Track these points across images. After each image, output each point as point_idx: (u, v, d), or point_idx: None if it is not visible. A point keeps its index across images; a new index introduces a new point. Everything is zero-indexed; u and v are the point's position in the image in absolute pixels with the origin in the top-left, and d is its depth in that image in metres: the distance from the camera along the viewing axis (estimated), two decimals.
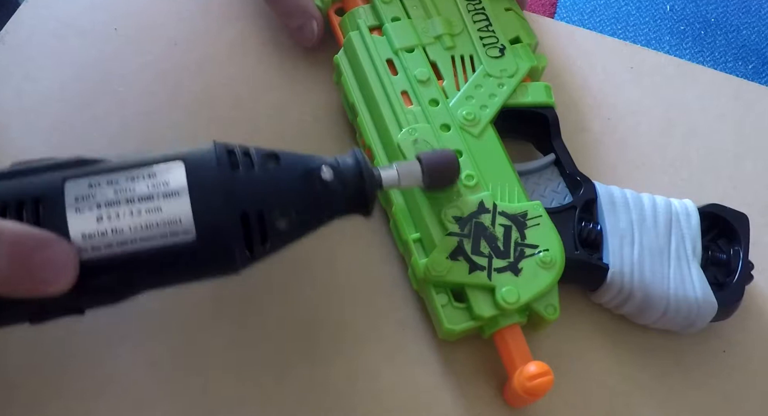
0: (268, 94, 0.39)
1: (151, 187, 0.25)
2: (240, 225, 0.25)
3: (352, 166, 0.28)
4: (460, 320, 0.30)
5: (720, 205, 0.34)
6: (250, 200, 0.25)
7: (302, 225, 0.27)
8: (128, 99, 0.38)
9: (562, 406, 0.32)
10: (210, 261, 0.26)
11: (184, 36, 0.40)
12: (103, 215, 0.24)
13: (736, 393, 0.33)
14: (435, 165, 0.30)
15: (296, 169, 0.27)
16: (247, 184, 0.26)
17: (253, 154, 0.26)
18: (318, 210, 0.27)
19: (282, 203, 0.26)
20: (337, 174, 0.27)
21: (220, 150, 0.26)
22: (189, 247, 0.25)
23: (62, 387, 0.31)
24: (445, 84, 0.35)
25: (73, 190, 0.24)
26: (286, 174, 0.26)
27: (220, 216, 0.25)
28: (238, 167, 0.26)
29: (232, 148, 0.26)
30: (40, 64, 0.39)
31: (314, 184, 0.27)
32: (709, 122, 0.40)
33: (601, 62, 0.42)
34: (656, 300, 0.31)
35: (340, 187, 0.27)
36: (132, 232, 0.24)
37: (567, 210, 0.33)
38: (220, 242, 0.25)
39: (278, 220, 0.26)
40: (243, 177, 0.26)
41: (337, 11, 0.39)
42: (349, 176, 0.28)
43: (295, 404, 0.31)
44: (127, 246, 0.24)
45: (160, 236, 0.24)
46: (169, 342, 0.32)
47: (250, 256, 0.26)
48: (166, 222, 0.24)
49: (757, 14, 1.25)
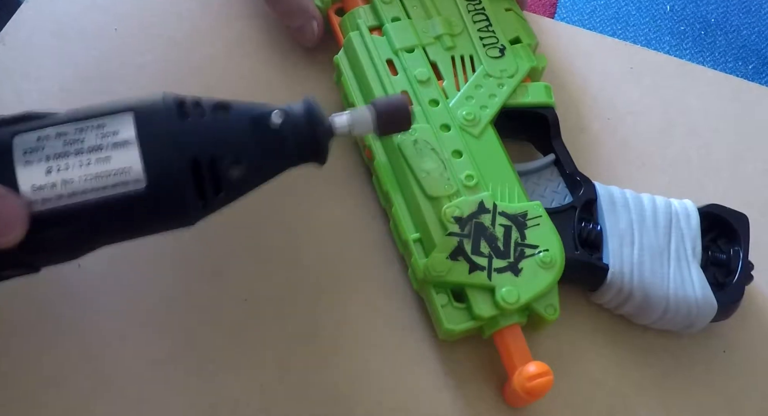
0: (268, 94, 0.39)
1: (100, 137, 0.25)
2: (190, 173, 0.25)
3: (303, 112, 0.28)
4: (460, 320, 0.30)
5: (720, 205, 0.34)
6: (200, 147, 0.25)
7: (255, 172, 0.27)
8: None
9: (561, 406, 0.32)
10: (162, 210, 0.26)
11: (184, 36, 0.40)
12: (53, 167, 0.24)
13: (736, 392, 0.33)
14: (386, 109, 0.29)
15: (246, 116, 0.27)
16: (197, 132, 0.26)
17: (204, 104, 0.26)
18: (270, 157, 0.27)
19: (232, 150, 0.26)
20: (288, 120, 0.27)
21: (170, 99, 0.26)
22: (140, 196, 0.25)
23: (62, 387, 0.31)
24: (445, 84, 0.35)
25: (21, 143, 0.25)
26: (235, 121, 0.26)
27: (170, 164, 0.25)
28: (188, 116, 0.26)
29: (183, 98, 0.26)
30: (40, 64, 0.39)
31: (264, 129, 0.27)
32: (709, 122, 0.40)
33: (601, 62, 0.42)
34: (656, 300, 0.31)
35: (290, 133, 0.27)
36: (82, 183, 0.24)
37: (567, 211, 0.33)
38: (171, 190, 0.25)
39: (229, 168, 0.26)
40: (192, 125, 0.25)
41: (337, 11, 0.39)
42: (299, 122, 0.27)
43: (295, 404, 0.31)
44: (78, 197, 0.24)
45: (111, 186, 0.24)
46: (169, 342, 0.32)
47: (202, 205, 0.26)
48: (116, 172, 0.24)
49: (757, 14, 1.25)
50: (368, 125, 0.29)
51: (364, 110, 0.29)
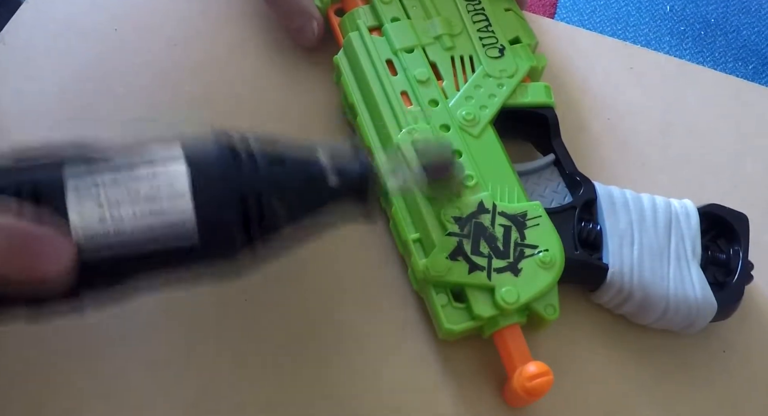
0: (268, 94, 0.39)
1: (155, 189, 0.24)
2: (242, 232, 0.25)
3: (358, 174, 0.27)
4: (459, 320, 0.30)
5: (720, 205, 0.34)
6: (252, 206, 0.25)
7: (302, 230, 0.27)
8: (128, 99, 0.38)
9: (561, 406, 0.32)
10: (210, 265, 0.26)
11: (184, 36, 0.40)
12: (105, 215, 0.24)
13: (736, 393, 0.33)
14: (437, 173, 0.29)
15: (301, 173, 0.26)
16: (250, 189, 0.25)
17: (257, 155, 0.26)
18: (318, 216, 0.27)
19: (284, 209, 0.26)
20: (342, 181, 0.27)
21: (223, 148, 0.26)
22: (190, 251, 0.24)
23: (62, 387, 0.31)
24: (445, 84, 0.35)
25: (75, 187, 0.24)
26: (290, 179, 0.26)
27: (223, 221, 0.25)
28: (242, 169, 0.25)
29: (235, 147, 0.26)
30: (40, 64, 0.39)
31: (319, 191, 0.27)
32: (709, 122, 0.40)
33: (601, 62, 0.42)
34: (656, 300, 0.31)
35: (343, 197, 0.27)
36: (133, 234, 0.24)
37: (567, 211, 0.33)
38: (222, 247, 0.25)
39: (280, 227, 0.26)
40: (246, 180, 0.25)
41: (337, 11, 0.39)
42: (353, 185, 0.27)
43: (295, 404, 0.31)
44: (128, 249, 0.24)
45: (162, 239, 0.24)
46: (169, 342, 0.32)
47: (251, 263, 0.26)
48: (168, 225, 0.24)
49: (757, 15, 1.25)
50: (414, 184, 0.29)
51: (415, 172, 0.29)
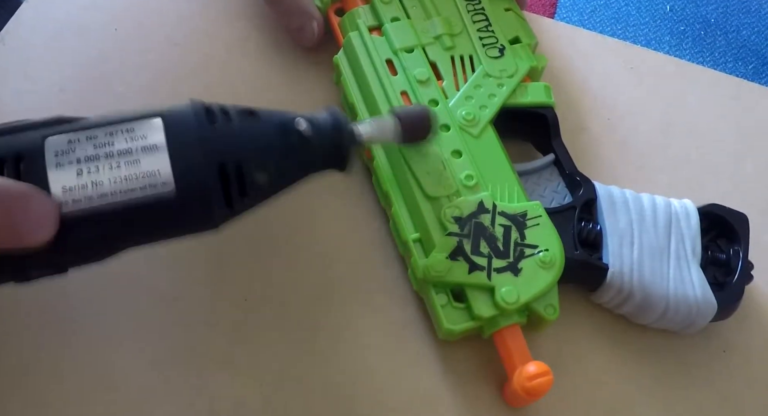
0: (268, 94, 0.39)
1: (129, 141, 0.25)
2: (218, 178, 0.26)
3: (328, 119, 0.28)
4: (459, 320, 0.30)
5: (720, 205, 0.34)
6: (228, 153, 0.26)
7: (280, 178, 0.28)
8: (128, 99, 0.38)
9: (561, 406, 0.32)
10: (189, 214, 0.26)
11: (184, 36, 0.40)
12: (83, 169, 0.25)
13: (736, 393, 0.33)
14: (410, 119, 0.30)
15: (273, 122, 0.27)
16: (225, 137, 0.26)
17: (230, 110, 0.27)
18: (295, 163, 0.28)
19: (259, 155, 0.27)
20: (314, 127, 0.28)
21: (198, 106, 0.26)
22: (168, 200, 0.25)
23: (61, 387, 0.31)
24: (445, 84, 0.35)
25: (53, 146, 0.25)
26: (263, 127, 0.27)
27: (198, 168, 0.25)
28: (216, 121, 0.26)
29: (210, 105, 0.27)
30: (40, 64, 0.39)
31: (291, 136, 0.27)
32: (709, 122, 0.40)
33: (601, 62, 0.42)
34: (656, 300, 0.31)
35: (316, 140, 0.28)
36: (112, 185, 0.25)
37: (566, 211, 0.33)
38: (198, 194, 0.26)
39: (256, 173, 0.26)
40: (220, 130, 0.26)
41: (337, 11, 0.39)
42: (325, 129, 0.28)
43: (295, 404, 0.31)
44: (107, 199, 0.25)
45: (140, 188, 0.25)
46: (169, 342, 0.32)
47: (229, 210, 0.27)
48: (145, 175, 0.25)
49: (757, 15, 1.25)
50: (391, 133, 0.30)
51: (386, 119, 0.30)
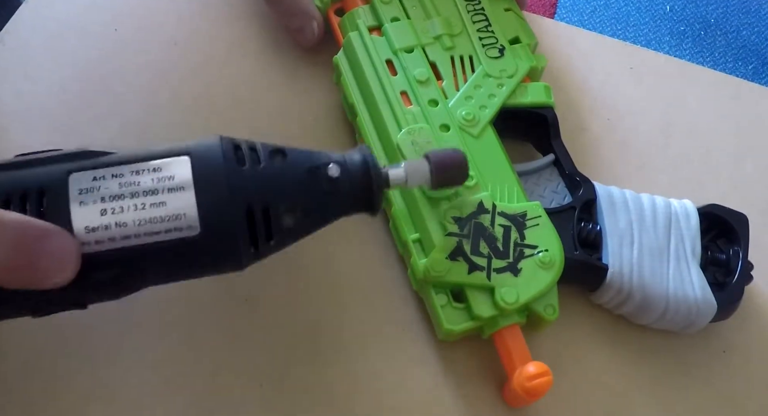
0: (268, 94, 0.39)
1: (156, 181, 0.25)
2: (245, 221, 0.25)
3: (360, 163, 0.27)
4: (459, 320, 0.30)
5: (719, 205, 0.34)
6: (256, 196, 0.25)
7: (308, 222, 0.27)
8: (128, 99, 0.38)
9: (561, 406, 0.32)
10: (214, 256, 0.25)
11: (184, 36, 0.40)
12: (107, 208, 0.24)
13: (736, 393, 0.33)
14: (443, 164, 0.29)
15: (303, 164, 0.26)
16: (253, 180, 0.25)
17: (260, 149, 0.26)
18: (324, 208, 0.27)
19: (288, 199, 0.26)
20: (344, 171, 0.27)
21: (227, 144, 0.26)
22: (193, 243, 0.24)
23: (61, 388, 0.31)
24: (445, 84, 0.35)
25: (77, 182, 0.24)
26: (292, 170, 0.26)
27: (225, 211, 0.25)
28: (244, 162, 0.25)
29: (239, 143, 0.26)
30: (40, 64, 0.39)
31: (321, 180, 0.27)
32: (709, 122, 0.40)
33: (601, 62, 0.42)
34: (655, 300, 0.31)
35: (346, 185, 0.27)
36: (136, 226, 0.24)
37: (566, 211, 0.33)
38: (224, 238, 0.25)
39: (284, 217, 0.26)
40: (249, 172, 0.25)
41: (337, 11, 0.39)
42: (356, 174, 0.27)
43: (295, 404, 0.31)
44: (131, 241, 0.24)
45: (165, 231, 0.24)
46: (169, 342, 0.32)
47: (255, 253, 0.26)
48: (170, 217, 0.24)
49: (757, 15, 1.25)
50: (425, 178, 0.29)
51: (421, 164, 0.29)
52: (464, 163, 0.29)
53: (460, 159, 0.29)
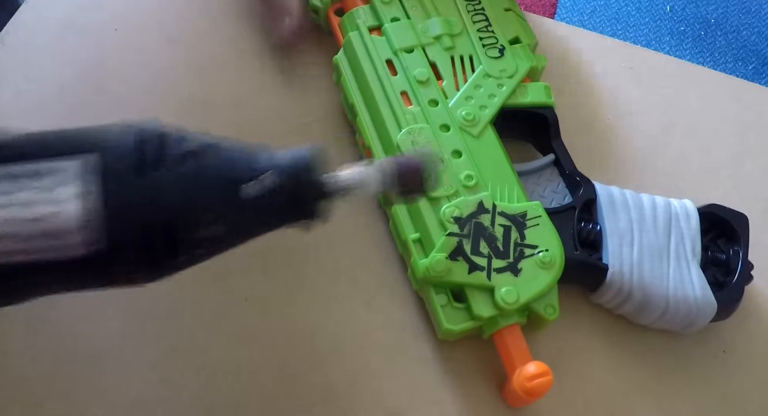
0: (268, 94, 0.39)
1: (37, 191, 0.21)
2: (142, 239, 0.22)
3: (293, 170, 0.24)
4: (459, 320, 0.30)
5: (719, 205, 0.34)
6: (155, 212, 0.22)
7: (228, 238, 0.24)
8: (128, 99, 0.38)
9: (561, 406, 0.32)
10: (104, 277, 0.23)
11: (184, 36, 0.40)
12: None
13: (735, 392, 0.33)
14: (399, 171, 0.26)
15: (220, 177, 0.23)
16: (155, 194, 0.22)
17: (171, 156, 0.23)
18: (244, 225, 0.24)
19: (197, 215, 0.23)
20: (270, 186, 0.23)
21: (128, 146, 0.22)
22: (82, 261, 0.22)
23: (62, 387, 0.31)
24: (445, 84, 0.35)
25: None
26: (207, 182, 0.23)
27: (122, 227, 0.22)
28: (149, 170, 0.22)
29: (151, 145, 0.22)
30: (40, 64, 0.39)
31: (238, 195, 0.23)
32: (709, 122, 0.40)
33: (601, 62, 0.42)
34: (655, 300, 0.31)
35: (273, 199, 0.23)
36: (12, 244, 0.21)
37: (566, 211, 0.33)
38: (116, 260, 0.22)
39: (192, 232, 0.23)
40: (152, 185, 0.22)
41: (337, 12, 0.39)
42: (287, 184, 0.23)
43: (295, 404, 0.31)
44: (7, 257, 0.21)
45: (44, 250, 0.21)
46: (169, 342, 0.32)
47: (154, 273, 0.23)
48: (52, 234, 0.21)
49: (757, 15, 1.25)
50: (373, 186, 0.25)
51: (370, 170, 0.25)
52: (423, 169, 0.26)
53: (418, 166, 0.26)
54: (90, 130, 0.23)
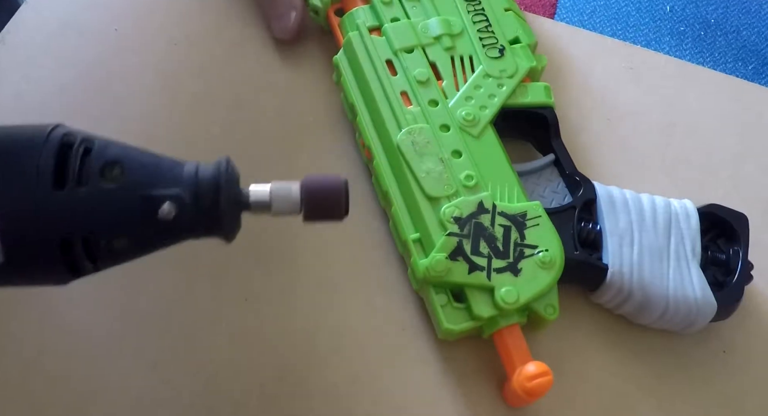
0: (268, 94, 0.39)
1: None
2: (58, 250, 0.22)
3: (209, 183, 0.24)
4: (459, 320, 0.30)
5: (719, 205, 0.34)
6: (73, 226, 0.22)
7: (140, 248, 0.24)
8: (128, 99, 0.38)
9: (561, 406, 0.32)
10: (25, 281, 0.24)
11: (184, 36, 0.40)
12: None
13: (736, 393, 0.33)
14: (317, 193, 0.25)
15: (135, 191, 0.23)
16: (70, 209, 0.22)
17: (92, 162, 0.23)
18: (158, 239, 0.24)
19: (112, 230, 0.23)
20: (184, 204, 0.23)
21: (48, 155, 0.22)
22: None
23: (61, 387, 0.31)
24: (445, 84, 0.35)
25: None
26: (121, 197, 0.23)
27: (34, 242, 0.22)
28: (64, 185, 0.22)
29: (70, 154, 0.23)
30: (40, 64, 0.39)
31: (154, 213, 0.23)
32: (709, 122, 0.40)
33: (601, 62, 0.42)
34: (655, 300, 0.31)
35: (186, 217, 0.23)
36: None
37: (566, 211, 0.33)
38: (34, 268, 0.23)
39: (111, 244, 0.23)
40: (66, 197, 0.22)
41: (337, 12, 0.39)
42: (202, 200, 0.23)
43: (294, 404, 0.31)
44: None
45: None
46: (169, 342, 0.32)
47: (75, 276, 0.24)
48: None
49: (757, 15, 1.25)
50: (291, 206, 0.25)
51: (290, 188, 0.25)
52: (342, 193, 0.25)
53: (338, 187, 0.25)
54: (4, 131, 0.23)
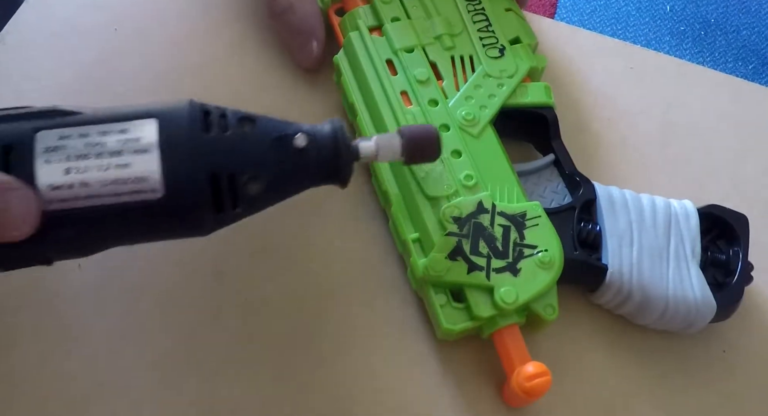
0: (269, 94, 0.39)
1: (121, 142, 0.25)
2: (209, 187, 0.25)
3: (329, 134, 0.28)
4: (458, 320, 0.30)
5: (719, 205, 0.34)
6: (221, 162, 0.25)
7: (274, 191, 0.27)
8: (128, 99, 0.38)
9: (561, 406, 0.32)
10: (176, 220, 0.26)
11: (184, 36, 0.40)
12: (72, 167, 0.24)
13: (736, 393, 0.33)
14: (415, 139, 0.29)
15: (270, 133, 0.27)
16: (219, 146, 0.25)
17: (229, 116, 0.26)
18: (290, 177, 0.27)
19: (252, 167, 0.26)
20: (312, 142, 0.27)
21: (195, 109, 0.26)
22: (155, 205, 0.25)
23: (62, 386, 0.31)
24: (445, 84, 0.35)
25: (44, 140, 0.24)
26: (259, 138, 0.26)
27: (189, 176, 0.25)
28: (211, 128, 0.26)
29: (209, 109, 0.26)
30: (40, 64, 0.39)
31: (287, 149, 0.27)
32: (709, 122, 0.40)
33: (601, 62, 0.42)
34: (655, 300, 0.31)
35: (314, 155, 0.27)
36: (99, 187, 0.24)
37: (566, 211, 0.33)
38: (187, 202, 0.25)
39: (249, 184, 0.26)
40: (215, 138, 0.25)
41: (337, 11, 0.39)
42: (324, 144, 0.27)
43: (294, 404, 0.31)
44: (94, 200, 0.24)
45: (128, 192, 0.24)
46: (169, 342, 0.32)
47: (218, 219, 0.26)
48: (134, 180, 0.24)
49: (757, 15, 1.25)
50: (395, 153, 0.29)
51: (392, 138, 0.29)
52: (436, 138, 0.29)
53: (433, 134, 0.29)
54: (154, 103, 0.26)
